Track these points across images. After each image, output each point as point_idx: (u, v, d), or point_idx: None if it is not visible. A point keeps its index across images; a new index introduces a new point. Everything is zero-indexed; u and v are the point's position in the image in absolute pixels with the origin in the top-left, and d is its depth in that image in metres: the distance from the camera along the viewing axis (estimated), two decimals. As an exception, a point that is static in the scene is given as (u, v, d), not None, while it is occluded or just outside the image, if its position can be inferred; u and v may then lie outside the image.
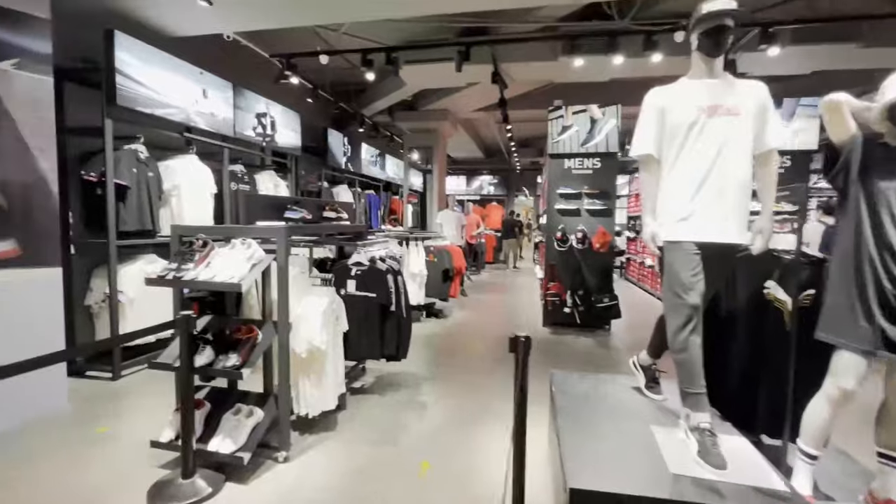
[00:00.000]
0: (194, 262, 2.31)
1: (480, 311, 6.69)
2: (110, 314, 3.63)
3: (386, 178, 9.67)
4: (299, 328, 2.59)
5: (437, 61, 4.85)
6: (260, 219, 2.91)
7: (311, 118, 7.30)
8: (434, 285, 5.80)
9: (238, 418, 2.35)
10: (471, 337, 5.27)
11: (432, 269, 5.75)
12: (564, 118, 5.48)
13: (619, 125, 5.35)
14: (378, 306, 3.19)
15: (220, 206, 4.70)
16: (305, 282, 2.84)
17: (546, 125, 5.38)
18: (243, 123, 5.08)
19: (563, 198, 5.60)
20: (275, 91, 5.68)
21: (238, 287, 2.18)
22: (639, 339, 5.25)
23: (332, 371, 2.78)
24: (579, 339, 5.20)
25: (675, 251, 1.87)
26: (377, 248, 3.54)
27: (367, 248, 3.34)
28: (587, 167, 5.54)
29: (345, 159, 7.67)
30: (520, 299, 7.76)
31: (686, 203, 1.86)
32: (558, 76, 5.61)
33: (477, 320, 6.08)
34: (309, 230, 3.05)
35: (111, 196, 3.57)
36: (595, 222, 5.48)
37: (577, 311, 5.46)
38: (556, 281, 5.58)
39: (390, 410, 3.16)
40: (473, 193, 14.19)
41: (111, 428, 2.86)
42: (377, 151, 9.06)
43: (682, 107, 1.88)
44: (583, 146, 5.47)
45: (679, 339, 1.83)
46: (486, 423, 2.98)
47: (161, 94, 3.96)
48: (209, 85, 4.53)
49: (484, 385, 3.66)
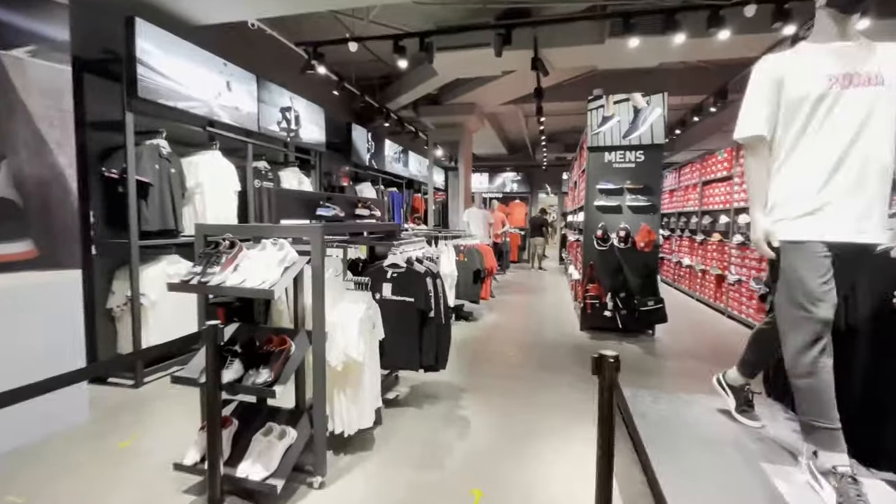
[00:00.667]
0: (221, 266, 2.06)
1: (511, 313, 6.37)
2: (132, 319, 3.44)
3: (409, 175, 9.41)
4: (334, 338, 2.33)
5: (474, 47, 4.54)
6: (289, 217, 2.66)
7: (334, 113, 7.09)
8: (464, 286, 5.51)
9: (269, 440, 2.10)
10: (505, 342, 4.96)
11: (462, 270, 5.46)
12: (605, 108, 5.12)
13: (665, 114, 4.97)
14: (416, 312, 2.91)
15: (243, 204, 4.50)
16: (339, 286, 2.58)
17: (575, 118, 5.07)
18: (268, 118, 4.86)
19: (604, 194, 5.24)
20: (298, 84, 5.46)
21: (270, 294, 1.93)
22: (686, 345, 4.87)
23: (369, 384, 2.52)
24: (623, 344, 4.85)
25: (798, 253, 1.54)
26: (413, 249, 3.27)
27: (404, 249, 3.06)
28: (629, 160, 5.17)
29: (368, 156, 7.44)
30: (550, 301, 7.41)
31: (813, 195, 1.53)
32: (604, 61, 5.22)
33: (509, 323, 5.76)
34: (343, 228, 2.80)
35: (133, 193, 3.38)
36: (637, 220, 5.11)
37: (618, 314, 5.10)
38: (596, 282, 5.23)
39: (430, 426, 2.89)
40: (496, 191, 13.84)
41: (134, 440, 2.66)
42: (400, 148, 8.81)
43: (806, 76, 1.53)
44: (625, 138, 5.10)
45: (804, 361, 1.50)
46: (538, 443, 2.67)
47: (184, 86, 3.76)
48: (233, 77, 4.32)
49: (528, 397, 3.36)
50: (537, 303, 7.25)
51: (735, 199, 6.09)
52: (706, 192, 7.30)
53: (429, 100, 8.00)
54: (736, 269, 5.90)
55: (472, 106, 7.77)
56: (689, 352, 4.64)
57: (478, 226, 7.41)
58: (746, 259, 5.67)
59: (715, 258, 6.70)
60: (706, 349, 4.75)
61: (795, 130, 1.56)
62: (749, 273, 5.57)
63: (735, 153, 6.11)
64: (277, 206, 2.57)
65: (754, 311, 5.43)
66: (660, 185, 5.13)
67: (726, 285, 6.22)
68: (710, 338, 5.21)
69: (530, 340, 4.98)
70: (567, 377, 3.78)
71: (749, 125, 1.63)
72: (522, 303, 7.19)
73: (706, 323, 5.96)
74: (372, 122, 7.84)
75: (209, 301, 2.34)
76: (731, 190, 6.25)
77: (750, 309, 5.54)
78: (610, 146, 5.16)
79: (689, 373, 3.97)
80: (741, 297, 5.79)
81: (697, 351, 4.67)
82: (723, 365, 4.23)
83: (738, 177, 6.06)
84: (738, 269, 5.85)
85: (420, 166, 10.18)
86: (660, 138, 5.00)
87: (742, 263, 5.77)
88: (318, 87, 6.06)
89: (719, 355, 4.51)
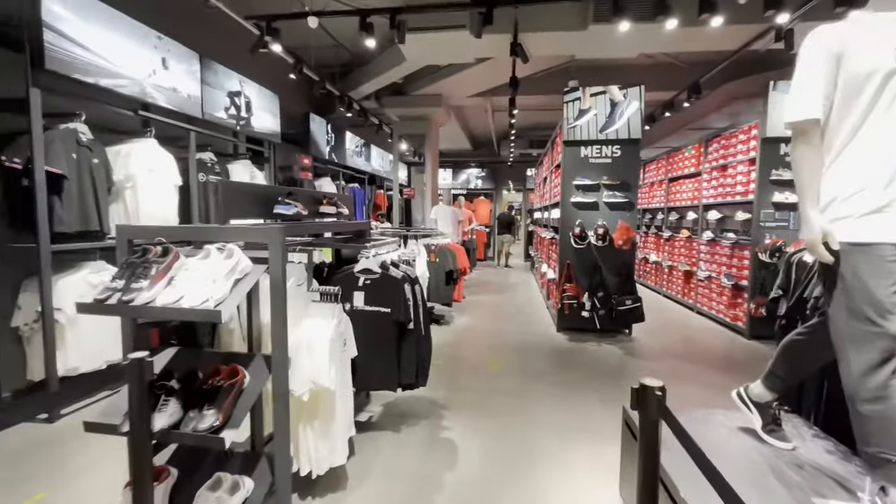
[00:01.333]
0: (150, 279, 1.61)
1: (484, 315, 6.10)
2: (44, 339, 2.85)
3: (371, 170, 8.94)
4: (299, 362, 1.93)
5: (449, 29, 4.18)
6: (241, 216, 2.21)
7: (290, 101, 6.52)
8: (436, 288, 5.17)
9: (218, 496, 1.68)
10: (482, 347, 4.67)
11: (433, 271, 5.12)
12: (582, 101, 4.92)
13: (642, 108, 4.84)
14: (393, 324, 2.55)
15: (185, 201, 3.93)
16: (303, 298, 2.17)
17: (543, 114, 4.87)
18: (213, 103, 4.30)
19: (580, 190, 5.06)
20: (250, 67, 4.89)
21: (216, 316, 1.50)
22: (665, 344, 4.77)
23: (341, 414, 2.13)
24: (602, 346, 4.68)
25: (863, 257, 1.31)
26: (387, 251, 2.89)
27: (377, 251, 2.68)
28: (606, 155, 5.01)
29: (328, 148, 6.92)
30: (522, 300, 7.22)
31: (880, 189, 1.31)
32: (583, 49, 5.00)
33: (483, 326, 5.48)
34: (308, 229, 2.38)
35: (41, 188, 2.78)
36: (615, 217, 4.96)
37: (596, 314, 4.94)
38: (573, 282, 5.04)
39: (411, 454, 2.53)
40: (460, 187, 13.56)
41: (45, 497, 2.14)
42: (362, 141, 8.32)
43: (872, 49, 1.31)
44: (602, 132, 4.93)
45: (871, 384, 1.28)
46: (539, 472, 2.38)
47: (108, 61, 3.17)
48: (170, 54, 3.74)
49: (516, 414, 3.07)
50: (509, 303, 7.03)
51: (704, 196, 6.11)
52: (673, 189, 7.34)
53: (393, 90, 7.57)
54: (706, 266, 5.92)
55: (439, 98, 7.41)
56: (668, 351, 4.54)
57: (447, 223, 7.08)
58: (717, 255, 5.68)
59: (683, 254, 6.73)
60: (685, 348, 4.67)
61: (858, 113, 1.33)
62: (719, 269, 5.59)
63: (704, 149, 6.13)
64: (226, 202, 2.11)
65: (725, 307, 5.44)
66: (637, 181, 5.01)
67: (695, 281, 6.24)
68: (685, 335, 5.16)
69: (508, 345, 4.71)
70: (552, 388, 3.53)
71: (803, 107, 1.39)
72: (494, 303, 6.95)
73: (678, 320, 5.95)
74: (332, 112, 7.31)
75: (138, 321, 1.86)
76: (699, 186, 6.27)
77: (721, 305, 5.55)
78: (586, 140, 4.97)
79: (676, 375, 3.83)
80: (711, 293, 5.81)
81: (677, 350, 4.58)
82: (706, 365, 4.11)
83: (706, 173, 6.08)
84: (708, 265, 5.86)
85: (383, 161, 9.72)
86: (637, 133, 4.87)
87: (712, 259, 5.78)
88: (272, 70, 5.50)
89: (699, 353, 4.44)
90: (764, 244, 4.75)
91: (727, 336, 5.11)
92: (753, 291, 4.85)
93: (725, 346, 4.76)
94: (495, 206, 13.89)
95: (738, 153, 5.27)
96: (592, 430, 2.81)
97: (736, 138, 5.31)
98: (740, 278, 5.13)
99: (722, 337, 5.10)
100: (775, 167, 4.76)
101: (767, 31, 3.97)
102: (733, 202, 5.38)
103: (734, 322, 5.23)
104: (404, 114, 7.92)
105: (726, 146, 5.54)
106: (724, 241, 5.42)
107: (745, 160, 5.13)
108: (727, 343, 4.87)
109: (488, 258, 13.16)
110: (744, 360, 4.32)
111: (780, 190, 4.76)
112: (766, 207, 4.82)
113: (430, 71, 6.79)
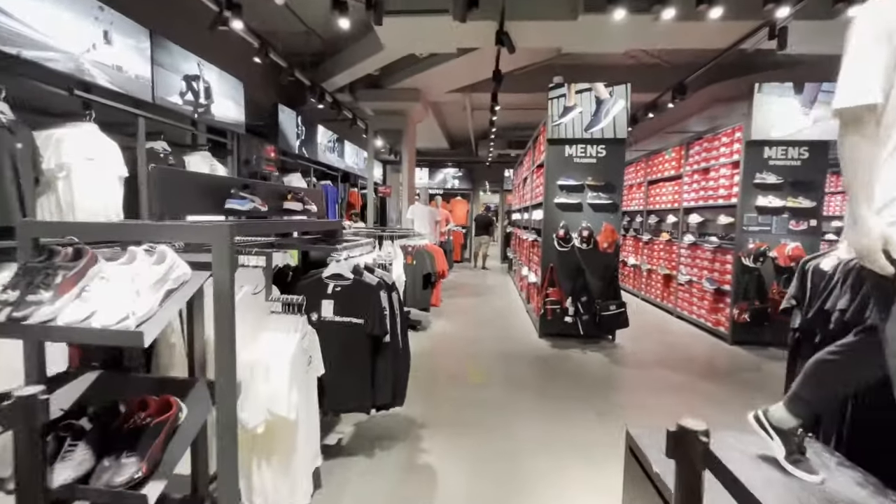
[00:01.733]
0: (54, 289, 1.26)
1: (462, 320, 5.84)
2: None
3: (345, 167, 8.55)
4: (254, 387, 1.61)
5: (430, 13, 3.89)
6: (186, 211, 1.86)
7: (256, 90, 6.09)
8: (413, 293, 4.87)
9: (144, 561, 1.33)
10: (462, 355, 4.41)
11: (410, 274, 4.83)
12: (567, 97, 4.73)
13: (628, 107, 4.69)
14: (367, 338, 2.24)
15: (133, 195, 3.50)
16: (261, 308, 1.84)
17: (522, 113, 4.69)
18: (167, 86, 3.87)
19: (564, 190, 4.87)
20: (211, 49, 4.47)
21: (137, 339, 1.17)
22: (649, 351, 4.63)
23: (304, 445, 1.82)
24: (587, 353, 4.50)
25: None
26: (360, 253, 2.58)
27: (350, 254, 2.37)
28: (591, 155, 4.83)
29: (298, 142, 6.52)
30: (501, 304, 7.00)
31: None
32: (571, 42, 4.80)
33: (462, 332, 5.22)
34: (266, 228, 2.06)
35: (-55, 175, 2.33)
36: (599, 218, 4.79)
37: (579, 319, 4.75)
38: (556, 286, 4.84)
39: (387, 484, 2.23)
40: (437, 187, 13.27)
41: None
42: (335, 136, 7.93)
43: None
44: (587, 131, 4.75)
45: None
46: (530, 499, 2.13)
47: (34, 30, 2.74)
48: (114, 27, 3.31)
49: (504, 429, 2.82)
50: (488, 307, 6.80)
51: (685, 199, 6.04)
52: (652, 192, 7.28)
53: (369, 83, 7.21)
54: (687, 270, 5.85)
55: (417, 92, 7.10)
56: (654, 359, 4.39)
57: (424, 224, 6.79)
58: (698, 259, 5.61)
59: (663, 258, 6.66)
60: (669, 354, 4.54)
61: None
62: (701, 273, 5.52)
63: (685, 152, 6.07)
64: (165, 194, 1.77)
65: (706, 311, 5.37)
66: (622, 182, 4.86)
67: (675, 285, 6.17)
68: (668, 341, 5.05)
69: (489, 352, 4.47)
70: (539, 400, 3.30)
71: (858, 91, 1.17)
72: (472, 307, 6.70)
73: (659, 325, 5.85)
74: (303, 104, 6.91)
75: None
76: (679, 189, 6.21)
77: (702, 310, 5.48)
78: (571, 139, 4.79)
79: (666, 385, 3.67)
80: (692, 297, 5.74)
81: (662, 357, 4.44)
82: (692, 373, 3.97)
83: (687, 176, 6.01)
84: (689, 269, 5.79)
85: (357, 158, 9.34)
86: (622, 133, 4.72)
87: (693, 263, 5.71)
88: (235, 54, 5.07)
89: (684, 361, 4.31)
90: (747, 248, 4.68)
91: (709, 342, 5.02)
92: (736, 296, 4.77)
93: (709, 353, 4.66)
94: (472, 206, 13.68)
95: (720, 156, 5.20)
96: (586, 448, 2.59)
97: (719, 141, 5.25)
98: (723, 283, 5.05)
99: (704, 342, 5.01)
100: (759, 170, 4.70)
101: (760, 28, 3.88)
102: (715, 206, 5.31)
103: (716, 327, 5.15)
104: (380, 108, 7.56)
105: (708, 149, 5.47)
106: (706, 245, 5.35)
107: (727, 163, 5.06)
108: (710, 349, 4.78)
109: (465, 259, 12.94)
110: (728, 367, 4.21)
111: (764, 194, 4.70)
112: (749, 211, 4.75)
113: (408, 63, 6.47)
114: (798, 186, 4.65)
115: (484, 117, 8.99)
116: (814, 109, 4.56)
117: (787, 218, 4.69)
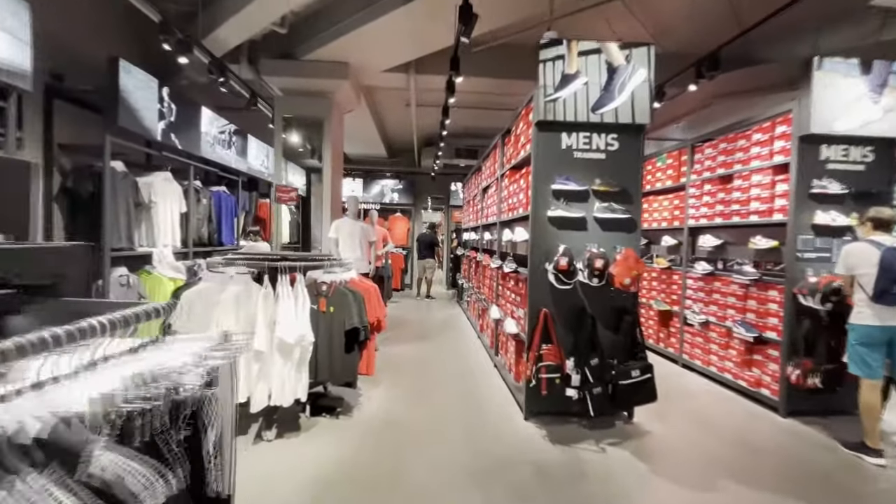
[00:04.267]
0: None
1: (406, 388, 3.99)
2: None
3: (248, 168, 6.46)
4: None
5: None
6: None
7: (75, 31, 3.97)
8: (328, 360, 2.99)
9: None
10: (417, 480, 2.56)
11: (325, 328, 2.95)
12: (567, 61, 3.19)
13: (651, 79, 3.24)
14: None
15: None
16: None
17: (475, 114, 3.20)
18: None
19: (560, 198, 3.28)
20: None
21: None
22: (685, 433, 3.09)
23: None
24: (605, 450, 2.86)
25: None
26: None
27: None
28: (598, 148, 3.31)
29: (162, 125, 4.39)
30: (458, 352, 5.25)
31: None
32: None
33: (409, 418, 3.37)
34: None
35: None
36: (609, 240, 3.26)
37: (589, 393, 3.11)
38: (553, 342, 3.19)
39: None
40: (373, 201, 11.36)
41: None
42: (231, 126, 5.84)
43: None
44: (595, 111, 3.23)
45: None
46: None
47: None
48: None
49: None
50: (441, 359, 5.00)
51: (691, 216, 4.73)
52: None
53: (277, 51, 5.26)
54: (701, 308, 4.48)
55: (345, 67, 5.26)
56: (701, 454, 2.84)
57: (352, 245, 4.89)
58: (718, 294, 4.27)
59: (658, 290, 5.32)
60: (718, 444, 3.02)
61: None
62: (724, 313, 4.16)
63: (689, 157, 4.80)
64: None
65: (736, 365, 4.00)
66: (639, 188, 3.36)
67: (679, 326, 4.81)
68: (704, 415, 3.54)
69: (452, 466, 2.67)
70: None
71: None
72: (419, 361, 4.87)
73: (675, 383, 4.26)
74: (174, 73, 4.82)
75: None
76: (682, 204, 4.91)
77: (727, 362, 4.10)
78: (572, 122, 3.23)
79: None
80: (709, 343, 4.36)
81: (710, 450, 2.90)
82: (765, 479, 2.42)
83: (693, 186, 4.73)
84: (706, 306, 4.43)
85: (269, 160, 7.25)
86: (644, 116, 3.25)
87: (711, 300, 4.36)
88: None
89: (748, 455, 2.79)
90: (808, 282, 3.35)
91: (755, 413, 3.60)
92: (791, 350, 3.42)
93: (770, 435, 3.21)
94: (413, 224, 11.91)
95: (752, 158, 3.92)
96: None
97: (748, 139, 3.98)
98: (765, 329, 3.69)
99: (749, 415, 3.58)
100: (817, 176, 3.44)
101: None
102: (743, 224, 4.01)
103: (755, 388, 3.77)
104: (293, 86, 5.56)
105: (729, 150, 4.20)
106: (737, 276, 3.99)
107: (765, 167, 3.78)
108: (768, 428, 3.34)
109: (406, 286, 11.09)
110: (809, 461, 2.78)
111: (825, 208, 3.44)
112: (804, 232, 3.46)
113: (330, 19, 4.64)
114: (863, 199, 3.44)
115: (430, 117, 7.37)
116: (883, 96, 3.40)
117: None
